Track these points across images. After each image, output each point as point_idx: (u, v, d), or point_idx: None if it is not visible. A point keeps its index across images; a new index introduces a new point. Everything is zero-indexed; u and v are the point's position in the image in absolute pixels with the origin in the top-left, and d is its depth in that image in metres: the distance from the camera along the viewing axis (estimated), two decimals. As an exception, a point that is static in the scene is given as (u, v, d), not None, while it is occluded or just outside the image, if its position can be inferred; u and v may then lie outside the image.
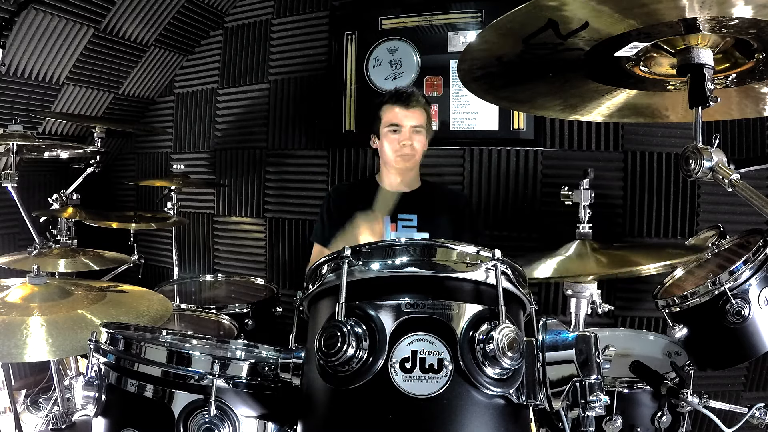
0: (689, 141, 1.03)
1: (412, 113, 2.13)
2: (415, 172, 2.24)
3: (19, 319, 1.25)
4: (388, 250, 0.91)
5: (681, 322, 1.63)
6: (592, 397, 0.83)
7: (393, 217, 2.15)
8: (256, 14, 3.37)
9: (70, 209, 2.39)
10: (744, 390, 2.60)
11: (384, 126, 2.15)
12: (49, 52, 2.75)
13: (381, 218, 2.12)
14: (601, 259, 1.52)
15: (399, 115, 2.13)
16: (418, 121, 2.13)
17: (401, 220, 2.15)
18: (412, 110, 2.13)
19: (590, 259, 1.53)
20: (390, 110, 2.15)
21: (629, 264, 1.47)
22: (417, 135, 2.14)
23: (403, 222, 2.14)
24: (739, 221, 2.36)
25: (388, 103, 2.16)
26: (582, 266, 1.51)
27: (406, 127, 2.12)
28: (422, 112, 2.16)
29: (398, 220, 2.14)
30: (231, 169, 3.50)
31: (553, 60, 1.12)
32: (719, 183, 0.99)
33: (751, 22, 0.92)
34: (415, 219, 2.14)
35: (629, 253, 1.54)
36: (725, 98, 1.24)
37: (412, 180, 2.24)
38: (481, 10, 2.82)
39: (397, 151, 2.13)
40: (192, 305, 2.40)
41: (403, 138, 2.11)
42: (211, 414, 0.87)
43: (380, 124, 2.17)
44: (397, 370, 0.80)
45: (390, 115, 2.14)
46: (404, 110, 2.12)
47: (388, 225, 2.14)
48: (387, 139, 2.15)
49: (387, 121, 2.15)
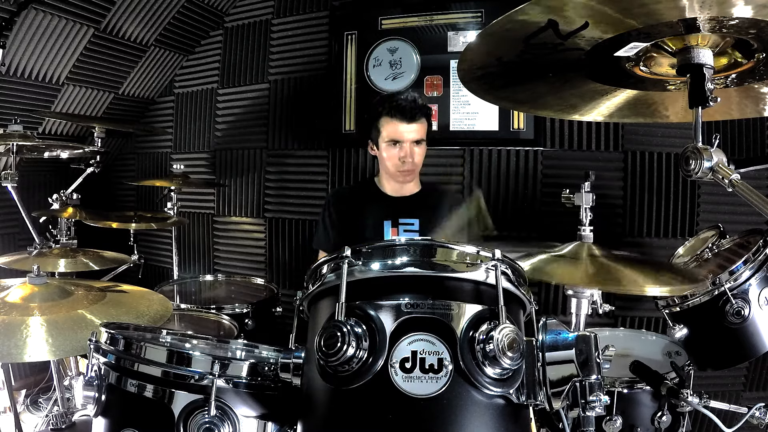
0: (689, 141, 1.03)
1: (414, 127, 2.05)
2: (415, 176, 2.21)
3: (19, 319, 1.25)
4: (388, 250, 0.91)
5: (681, 322, 1.63)
6: (592, 397, 0.83)
7: (394, 222, 2.12)
8: (256, 14, 3.37)
9: (70, 209, 2.39)
10: (744, 390, 2.60)
11: (384, 139, 2.08)
12: (49, 52, 2.75)
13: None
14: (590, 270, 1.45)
15: (400, 129, 2.04)
16: (419, 135, 2.06)
17: (403, 224, 2.12)
18: (414, 124, 2.05)
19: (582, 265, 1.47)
20: (390, 124, 2.05)
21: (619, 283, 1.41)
22: (418, 147, 2.08)
23: (404, 226, 2.12)
24: (739, 221, 2.36)
25: (388, 115, 2.06)
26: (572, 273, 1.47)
27: (407, 143, 2.05)
28: (423, 123, 2.08)
29: (399, 225, 2.12)
30: (231, 169, 3.50)
31: (553, 60, 1.12)
32: (719, 183, 0.99)
33: (751, 22, 0.92)
34: (416, 223, 2.12)
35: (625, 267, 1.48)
36: (725, 98, 1.24)
37: (412, 184, 2.22)
38: (481, 10, 2.82)
39: (398, 167, 2.07)
40: (192, 305, 2.40)
41: (404, 154, 2.04)
42: (211, 414, 0.87)
43: (379, 135, 2.09)
44: (397, 370, 0.80)
45: (390, 129, 2.05)
46: (406, 125, 2.04)
47: (389, 230, 2.12)
48: (387, 152, 2.08)
49: (387, 136, 2.06)
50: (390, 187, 2.21)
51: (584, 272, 1.43)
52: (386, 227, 2.12)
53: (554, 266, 1.48)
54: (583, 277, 1.43)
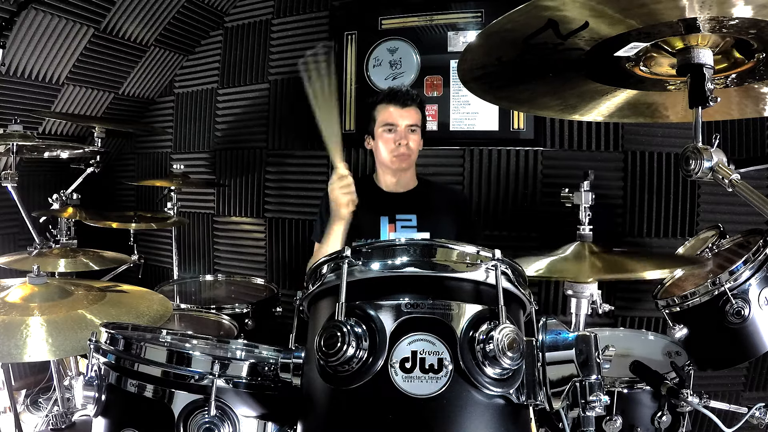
0: (689, 141, 1.03)
1: (407, 112, 2.11)
2: (411, 171, 2.22)
3: (19, 319, 1.25)
4: (388, 250, 0.91)
5: (681, 322, 1.64)
6: (592, 397, 0.83)
7: (391, 218, 2.13)
8: (256, 14, 3.37)
9: (70, 209, 2.39)
10: (744, 390, 2.60)
11: (379, 126, 2.13)
12: (49, 52, 2.75)
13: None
14: (597, 264, 1.50)
15: (394, 114, 2.10)
16: (413, 120, 2.11)
17: (400, 220, 2.12)
18: (408, 109, 2.11)
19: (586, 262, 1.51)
20: (385, 110, 2.13)
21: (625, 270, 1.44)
22: (412, 134, 2.12)
23: (402, 222, 2.12)
24: (739, 221, 2.36)
25: (382, 102, 2.14)
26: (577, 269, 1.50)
27: (401, 127, 2.10)
28: (417, 111, 2.14)
29: (396, 221, 2.12)
30: (231, 169, 3.50)
31: (553, 60, 1.12)
32: (719, 183, 0.99)
33: (751, 22, 0.92)
34: (414, 219, 2.12)
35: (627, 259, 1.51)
36: (725, 98, 1.24)
37: (409, 180, 2.23)
38: (481, 10, 2.82)
39: (393, 151, 2.10)
40: (192, 305, 2.39)
41: (399, 137, 2.09)
42: (211, 414, 0.87)
43: (375, 124, 2.15)
44: (397, 370, 0.80)
45: (385, 114, 2.12)
46: (399, 109, 2.10)
47: (386, 226, 2.12)
48: (382, 139, 2.13)
49: (382, 121, 2.12)
50: (386, 183, 2.22)
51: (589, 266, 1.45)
52: (383, 223, 2.12)
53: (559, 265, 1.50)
54: (588, 271, 1.45)
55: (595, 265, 1.49)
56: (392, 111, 2.11)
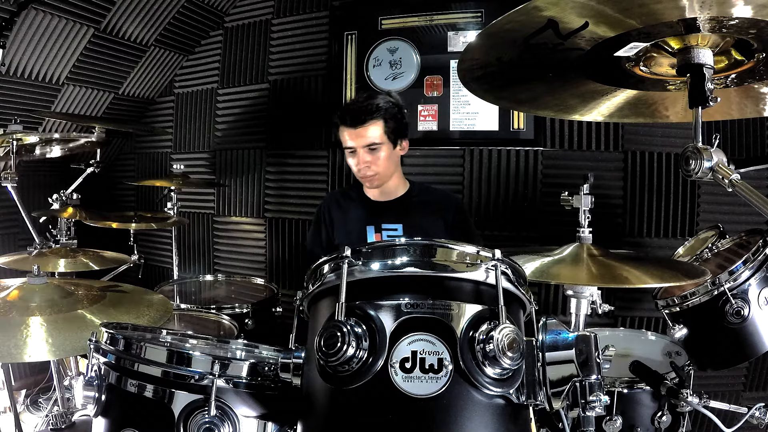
0: (689, 141, 1.03)
1: (364, 130, 1.95)
2: (394, 179, 2.10)
3: (19, 319, 1.25)
4: (388, 250, 0.91)
5: (681, 322, 1.64)
6: (592, 397, 0.83)
7: (377, 227, 2.06)
8: (256, 14, 3.37)
9: (70, 209, 2.39)
10: (744, 390, 2.61)
11: (343, 147, 2.04)
12: (49, 52, 2.75)
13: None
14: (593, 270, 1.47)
15: (349, 136, 1.97)
16: (370, 140, 1.95)
17: (386, 230, 2.06)
18: (363, 128, 1.95)
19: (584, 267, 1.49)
20: (342, 132, 2.00)
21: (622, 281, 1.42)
22: (373, 154, 1.97)
23: (387, 232, 2.06)
24: (739, 221, 2.36)
25: (340, 122, 2.00)
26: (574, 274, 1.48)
27: (358, 149, 1.97)
28: (376, 125, 1.95)
29: (383, 230, 2.06)
30: (231, 169, 3.50)
31: (553, 60, 1.12)
32: (719, 183, 0.99)
33: (751, 22, 0.92)
34: (400, 228, 2.05)
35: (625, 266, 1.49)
36: (725, 98, 1.24)
37: (394, 188, 2.12)
38: (481, 10, 2.82)
39: (358, 173, 2.03)
40: (192, 305, 2.40)
41: (358, 161, 1.99)
42: (211, 414, 0.87)
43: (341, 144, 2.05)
44: (397, 370, 0.80)
45: (343, 136, 2.00)
46: (353, 130, 1.96)
47: (372, 236, 2.06)
48: (348, 160, 2.04)
49: (343, 143, 2.02)
50: (372, 193, 2.14)
51: (586, 272, 1.44)
52: (369, 233, 2.06)
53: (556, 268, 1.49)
54: (584, 276, 1.44)
55: (591, 272, 1.45)
56: (347, 133, 1.98)
